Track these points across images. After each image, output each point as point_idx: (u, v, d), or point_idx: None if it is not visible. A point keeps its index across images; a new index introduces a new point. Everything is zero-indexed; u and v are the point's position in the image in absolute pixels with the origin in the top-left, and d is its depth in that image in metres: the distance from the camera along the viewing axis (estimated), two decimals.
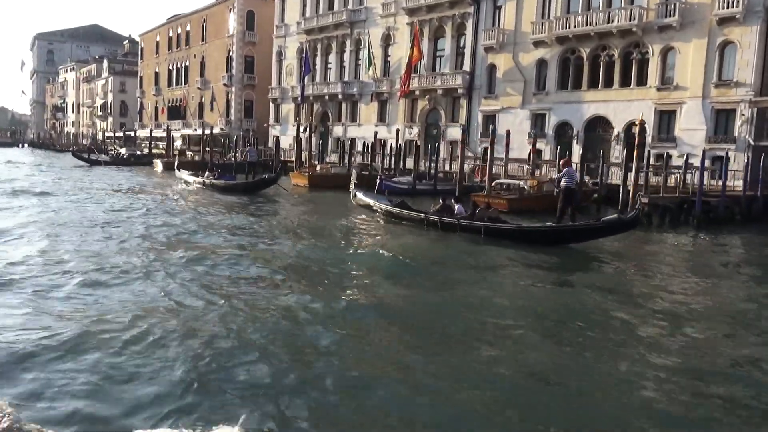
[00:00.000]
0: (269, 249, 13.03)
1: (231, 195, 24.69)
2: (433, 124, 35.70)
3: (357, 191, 20.18)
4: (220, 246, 12.84)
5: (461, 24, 33.75)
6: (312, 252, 12.80)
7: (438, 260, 12.97)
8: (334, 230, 17.28)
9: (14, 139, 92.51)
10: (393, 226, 17.25)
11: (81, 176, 32.15)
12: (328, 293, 8.96)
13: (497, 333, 7.46)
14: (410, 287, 9.87)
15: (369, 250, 14.46)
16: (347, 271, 11.17)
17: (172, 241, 13.07)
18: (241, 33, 51.76)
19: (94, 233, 13.60)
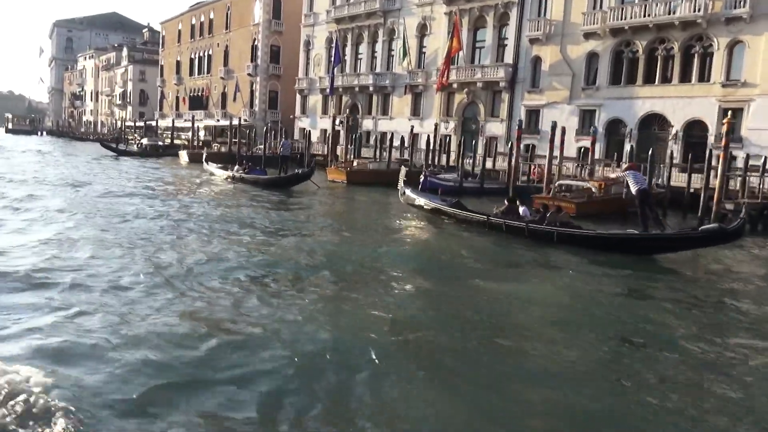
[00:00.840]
0: (324, 249, 12.11)
1: (263, 190, 23.49)
2: (471, 119, 34.18)
3: (406, 189, 18.89)
4: (268, 244, 12.17)
5: (504, 14, 32.14)
6: (365, 253, 11.86)
7: (506, 266, 11.92)
8: (386, 230, 16.04)
9: (33, 127, 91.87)
10: (448, 228, 15.95)
11: (112, 168, 31.13)
12: (388, 300, 8.45)
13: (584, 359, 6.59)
14: (478, 292, 9.35)
15: (428, 252, 13.30)
16: (407, 275, 10.35)
17: (216, 240, 12.27)
18: (267, 21, 50.37)
19: (134, 229, 13.09)
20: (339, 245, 12.90)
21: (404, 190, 18.90)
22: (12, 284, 7.97)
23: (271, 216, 16.90)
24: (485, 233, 14.88)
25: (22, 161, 32.40)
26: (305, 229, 14.97)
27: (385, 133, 37.79)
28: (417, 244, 14.45)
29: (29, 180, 22.47)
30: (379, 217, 18.91)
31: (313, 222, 16.82)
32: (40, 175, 24.29)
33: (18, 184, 20.68)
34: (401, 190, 19.30)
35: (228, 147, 38.68)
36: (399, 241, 14.63)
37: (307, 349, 6.23)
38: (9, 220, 13.63)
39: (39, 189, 19.73)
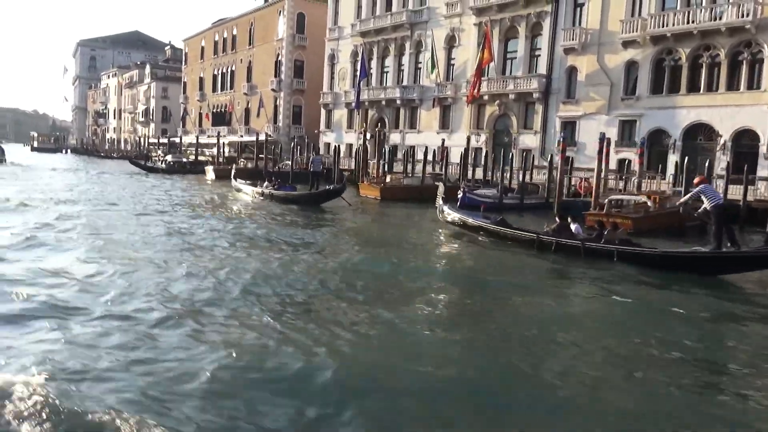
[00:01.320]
0: (363, 267, 11.63)
1: (293, 207, 22.82)
2: (503, 131, 33.32)
3: (444, 206, 18.06)
4: (306, 263, 11.64)
5: (536, 24, 31.34)
6: (406, 273, 11.29)
7: (561, 288, 10.97)
8: (426, 249, 15.21)
9: (57, 145, 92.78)
10: (493, 247, 15.02)
11: (144, 185, 30.70)
12: (433, 323, 8.00)
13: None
14: (533, 315, 8.73)
15: (473, 272, 12.36)
16: (452, 296, 9.77)
17: (251, 258, 11.89)
18: (290, 36, 50.15)
19: (171, 247, 12.88)
20: (378, 264, 12.26)
21: (443, 207, 18.08)
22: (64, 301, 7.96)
23: (305, 233, 16.25)
24: (535, 253, 13.99)
25: (57, 180, 32.07)
26: (342, 247, 14.30)
27: (414, 147, 37.14)
28: (461, 263, 13.54)
29: (71, 199, 22.00)
30: (418, 234, 18.07)
31: (349, 240, 16.11)
32: (81, 195, 23.76)
33: (61, 204, 20.16)
34: (439, 207, 18.49)
35: (254, 163, 38.14)
36: (441, 260, 13.82)
37: (345, 371, 6.01)
38: (62, 239, 13.32)
39: (82, 207, 19.24)
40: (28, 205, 19.10)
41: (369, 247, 15.07)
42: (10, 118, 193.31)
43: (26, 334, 6.75)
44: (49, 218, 16.25)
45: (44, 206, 19.02)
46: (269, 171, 36.03)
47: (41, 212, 17.57)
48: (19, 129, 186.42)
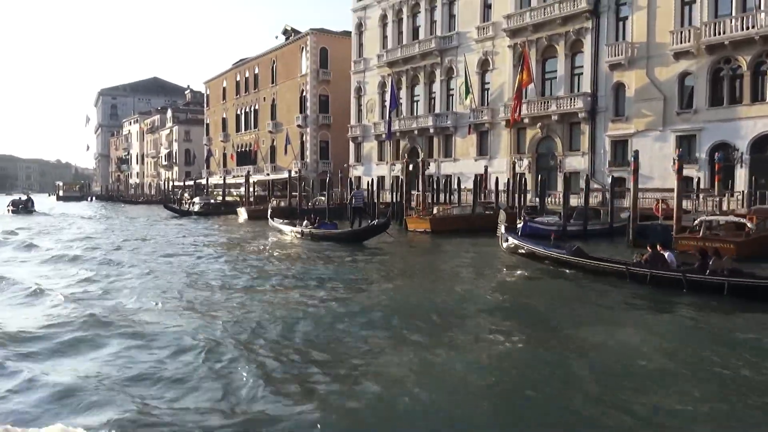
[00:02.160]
0: (433, 303, 10.82)
1: (336, 245, 21.48)
2: (547, 155, 31.80)
3: (509, 236, 16.54)
4: (365, 302, 10.95)
5: (576, 41, 30.07)
6: (478, 311, 10.28)
7: (669, 334, 9.05)
8: (496, 283, 13.70)
9: (82, 193, 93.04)
10: (569, 280, 13.42)
11: (180, 229, 29.61)
12: (526, 371, 7.05)
13: None
14: (631, 359, 7.45)
15: (553, 309, 10.74)
16: (538, 339, 8.55)
17: (303, 298, 11.40)
18: (314, 72, 49.55)
19: (220, 290, 12.31)
20: (446, 300, 11.25)
21: (507, 236, 16.57)
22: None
23: (358, 272, 15.15)
24: (622, 286, 12.37)
25: (94, 227, 31.09)
26: (404, 284, 13.21)
27: (451, 176, 35.79)
28: (537, 299, 11.81)
29: (119, 246, 20.89)
30: (481, 267, 16.56)
31: (410, 275, 14.88)
32: (127, 243, 22.60)
33: (112, 253, 19.02)
34: (502, 237, 16.99)
35: (288, 201, 36.97)
36: (516, 295, 12.36)
37: (407, 408, 5.77)
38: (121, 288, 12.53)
39: (132, 256, 18.03)
40: (78, 256, 17.93)
41: (432, 282, 13.87)
42: (35, 169, 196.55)
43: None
44: (106, 270, 15.20)
45: (95, 256, 17.79)
46: (304, 209, 34.90)
47: (96, 263, 16.42)
48: (43, 179, 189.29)
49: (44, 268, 15.81)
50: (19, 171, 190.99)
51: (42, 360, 7.39)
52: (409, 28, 40.29)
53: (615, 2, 28.44)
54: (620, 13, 28.41)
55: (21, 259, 17.86)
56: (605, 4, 28.63)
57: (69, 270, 15.18)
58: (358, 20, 44.55)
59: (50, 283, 13.02)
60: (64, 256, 17.79)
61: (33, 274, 14.46)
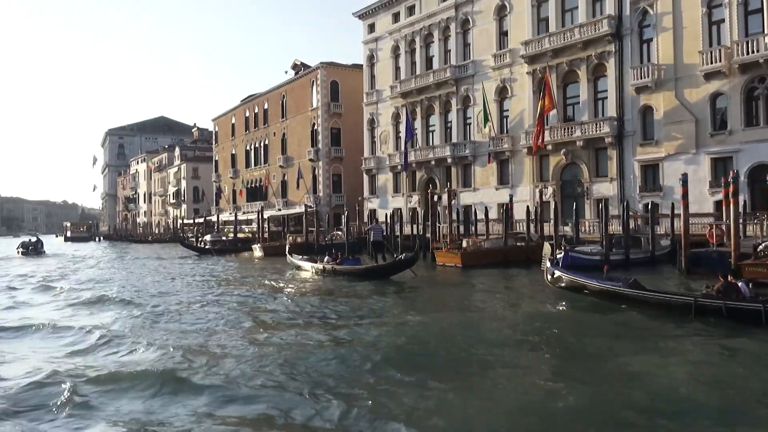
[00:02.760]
0: (479, 344, 10.03)
1: (361, 281, 20.43)
2: (572, 182, 30.81)
3: (556, 269, 15.43)
4: (407, 341, 10.43)
5: (599, 65, 29.39)
6: (534, 354, 9.43)
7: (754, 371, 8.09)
8: (548, 322, 12.46)
9: (90, 233, 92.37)
10: (629, 315, 12.25)
11: (202, 269, 28.66)
12: None
13: None
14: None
15: (618, 350, 9.58)
16: (609, 389, 7.50)
17: (337, 336, 10.96)
18: (325, 105, 49.11)
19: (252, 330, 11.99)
20: (494, 339, 10.53)
21: (554, 270, 15.44)
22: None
23: (392, 309, 14.23)
24: (689, 321, 11.26)
25: (110, 270, 29.96)
26: (443, 323, 12.17)
27: (470, 207, 34.85)
28: (596, 338, 10.62)
29: (142, 289, 19.84)
30: (526, 303, 15.45)
31: (451, 311, 13.89)
32: (148, 284, 21.55)
33: (138, 297, 17.97)
34: (548, 270, 15.86)
35: (305, 236, 35.95)
36: (568, 334, 11.15)
37: None
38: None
39: (159, 300, 16.91)
40: (106, 299, 16.91)
41: (475, 320, 12.80)
42: (42, 210, 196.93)
43: None
44: (157, 312, 14.38)
45: (143, 302, 16.62)
46: (322, 244, 33.89)
47: (121, 308, 15.39)
48: (49, 220, 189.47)
49: (104, 314, 14.63)
50: (26, 212, 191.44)
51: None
52: (423, 58, 39.85)
53: (638, 25, 27.83)
54: (644, 36, 27.77)
55: (62, 303, 16.78)
56: (628, 27, 28.02)
57: (122, 315, 14.17)
58: (369, 52, 44.23)
59: (115, 329, 12.16)
60: (104, 300, 16.83)
61: (94, 319, 13.49)
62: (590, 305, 13.49)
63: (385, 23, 42.80)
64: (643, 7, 27.50)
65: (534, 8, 32.31)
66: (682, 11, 26.12)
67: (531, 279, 19.80)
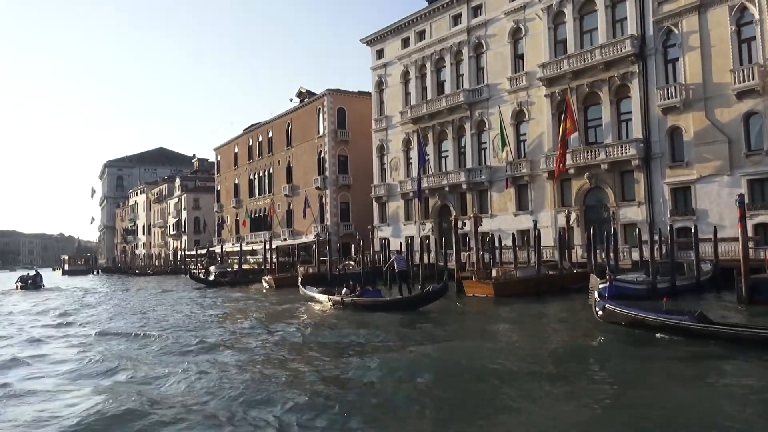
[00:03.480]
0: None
1: (384, 314, 19.13)
2: (596, 206, 29.69)
3: (606, 302, 14.09)
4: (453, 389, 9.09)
5: (622, 86, 28.54)
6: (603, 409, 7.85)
7: None
8: (612, 361, 11.08)
9: (88, 266, 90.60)
10: (700, 353, 10.88)
11: (214, 301, 27.38)
12: None
13: None
14: None
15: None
16: None
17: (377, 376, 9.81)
18: (332, 132, 48.23)
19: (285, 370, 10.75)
20: (548, 376, 9.42)
21: (604, 303, 14.08)
22: None
23: (426, 346, 12.76)
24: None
25: (122, 305, 28.47)
26: (500, 360, 10.76)
27: (487, 233, 33.64)
28: (672, 385, 9.22)
29: (158, 325, 18.37)
30: (578, 338, 14.08)
31: (496, 348, 12.45)
32: (162, 319, 20.10)
33: (164, 328, 16.60)
34: (596, 303, 14.53)
35: (317, 267, 34.56)
36: (635, 379, 9.70)
37: None
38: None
39: (178, 336, 15.47)
40: (151, 340, 15.48)
41: (524, 354, 11.50)
42: (38, 243, 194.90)
43: None
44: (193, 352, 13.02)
45: (167, 344, 15.09)
46: (335, 274, 32.57)
47: (179, 355, 13.83)
48: (45, 253, 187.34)
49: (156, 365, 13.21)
50: (22, 246, 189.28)
51: None
52: (434, 82, 39.10)
53: (662, 44, 27.06)
54: (668, 55, 26.98)
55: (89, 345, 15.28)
56: (652, 47, 27.24)
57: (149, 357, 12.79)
58: (377, 78, 43.52)
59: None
60: (130, 338, 15.41)
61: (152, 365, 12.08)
62: (648, 339, 12.20)
63: (393, 49, 42.18)
64: (667, 27, 26.77)
65: (551, 30, 31.64)
66: (710, 30, 25.38)
67: (572, 310, 18.50)
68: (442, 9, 38.13)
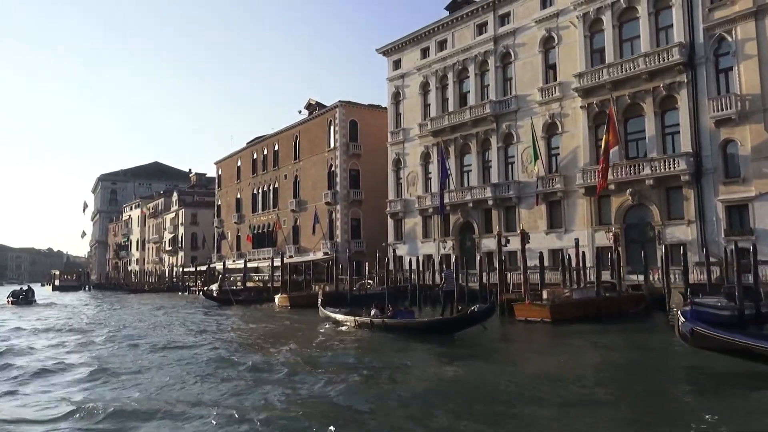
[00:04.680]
0: None
1: (419, 338, 17.22)
2: (639, 225, 27.75)
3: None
4: None
5: (668, 98, 26.83)
6: None
7: None
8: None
9: (79, 281, 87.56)
10: None
11: (232, 321, 25.11)
12: None
13: None
14: None
15: None
16: None
17: None
18: (344, 145, 46.28)
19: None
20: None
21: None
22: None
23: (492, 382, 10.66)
24: None
25: (140, 321, 26.10)
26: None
27: (514, 253, 31.66)
28: None
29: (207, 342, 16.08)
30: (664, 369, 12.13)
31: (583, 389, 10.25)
32: (205, 342, 17.82)
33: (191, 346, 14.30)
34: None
35: (334, 286, 32.27)
36: None
37: None
38: None
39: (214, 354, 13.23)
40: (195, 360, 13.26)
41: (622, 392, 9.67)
42: (26, 258, 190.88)
43: None
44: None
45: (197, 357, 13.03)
46: (356, 294, 30.44)
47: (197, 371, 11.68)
48: (33, 268, 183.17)
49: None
50: (9, 260, 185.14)
51: None
52: (456, 94, 37.35)
53: (713, 53, 25.42)
54: (720, 64, 25.32)
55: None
56: (702, 55, 25.59)
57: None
58: (394, 89, 41.76)
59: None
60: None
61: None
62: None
63: (412, 59, 40.49)
64: (719, 34, 25.15)
65: (587, 39, 29.99)
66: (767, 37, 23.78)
67: (642, 334, 16.52)
68: (466, 18, 36.54)
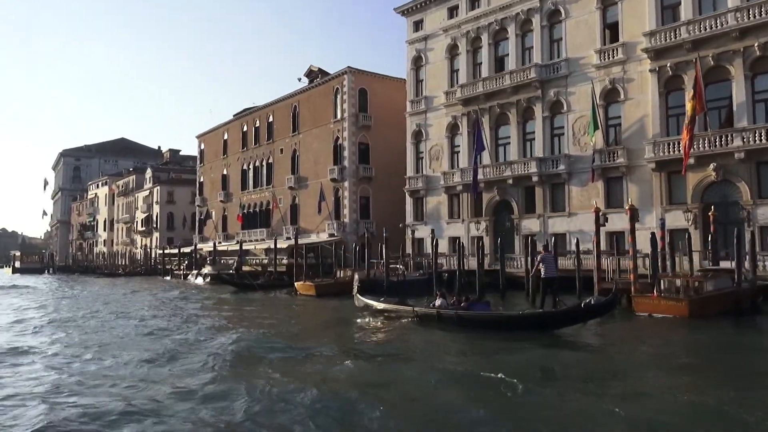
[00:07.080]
0: None
1: (507, 334, 14.00)
2: (722, 204, 24.42)
3: None
4: None
5: (761, 58, 23.49)
6: None
7: None
8: None
9: (43, 264, 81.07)
10: None
11: (257, 309, 20.84)
12: None
13: None
14: None
15: None
16: None
17: None
18: (353, 116, 41.92)
19: None
20: None
21: None
22: None
23: None
24: None
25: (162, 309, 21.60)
26: None
27: (563, 235, 28.24)
28: None
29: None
30: None
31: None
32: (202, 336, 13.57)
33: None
34: None
35: (366, 271, 28.04)
36: None
37: None
38: None
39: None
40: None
41: None
42: None
43: None
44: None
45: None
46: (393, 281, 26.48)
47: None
48: None
49: None
50: None
51: None
52: (491, 57, 33.41)
53: None
54: None
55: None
56: None
57: None
58: (416, 53, 37.54)
59: None
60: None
61: None
62: None
63: (437, 19, 36.33)
64: None
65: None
66: None
67: None
68: None
